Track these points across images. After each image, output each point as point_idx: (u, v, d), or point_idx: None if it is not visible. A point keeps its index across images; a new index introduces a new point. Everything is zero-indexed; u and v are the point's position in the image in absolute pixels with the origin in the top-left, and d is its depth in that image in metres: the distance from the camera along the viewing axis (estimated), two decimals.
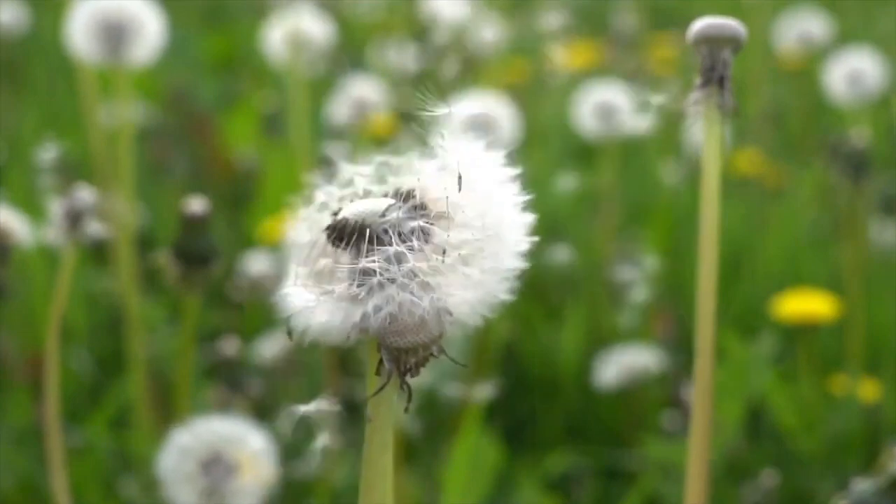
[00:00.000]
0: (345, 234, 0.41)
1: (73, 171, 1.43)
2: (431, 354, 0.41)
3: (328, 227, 0.41)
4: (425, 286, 0.40)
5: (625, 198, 1.63)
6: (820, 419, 1.20)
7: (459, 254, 0.41)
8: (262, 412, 1.16)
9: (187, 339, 0.96)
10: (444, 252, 0.41)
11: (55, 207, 0.79)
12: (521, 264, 0.43)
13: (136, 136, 1.49)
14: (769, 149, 1.88)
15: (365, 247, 0.40)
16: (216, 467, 0.83)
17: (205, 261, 0.90)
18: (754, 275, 1.47)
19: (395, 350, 0.40)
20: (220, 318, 1.33)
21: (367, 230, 0.41)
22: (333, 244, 0.41)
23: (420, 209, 0.41)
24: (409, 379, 0.41)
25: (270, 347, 1.23)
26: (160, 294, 1.33)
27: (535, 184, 1.69)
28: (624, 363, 1.29)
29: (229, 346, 1.02)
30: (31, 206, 1.14)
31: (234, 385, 1.04)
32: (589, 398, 1.33)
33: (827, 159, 1.50)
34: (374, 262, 0.40)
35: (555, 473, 1.19)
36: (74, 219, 0.78)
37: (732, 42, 0.54)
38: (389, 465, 0.43)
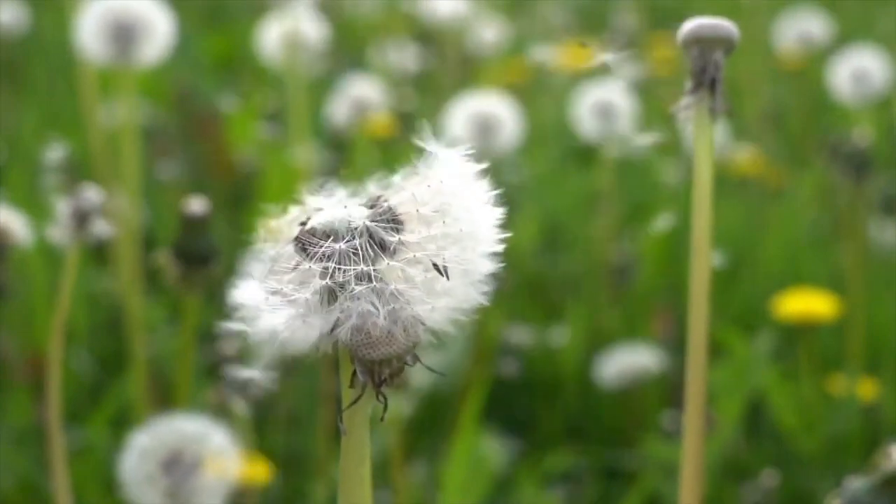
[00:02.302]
0: (312, 244, 0.40)
1: (73, 170, 1.43)
2: (406, 364, 0.40)
3: (296, 237, 0.41)
4: (392, 295, 0.40)
5: (625, 198, 1.63)
6: (820, 419, 1.20)
7: (429, 262, 0.40)
8: (262, 412, 1.16)
9: (187, 339, 0.96)
10: (412, 261, 0.40)
11: (62, 207, 0.79)
12: (494, 267, 0.41)
13: (139, 135, 1.49)
14: (769, 149, 1.88)
15: (332, 256, 0.40)
16: (177, 467, 0.82)
17: (205, 261, 0.90)
18: (754, 275, 1.47)
19: (369, 362, 0.40)
20: (221, 318, 1.33)
21: (335, 240, 0.40)
22: (300, 253, 0.41)
23: (390, 219, 0.41)
24: (384, 390, 0.40)
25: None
26: (160, 294, 1.33)
27: (535, 184, 1.68)
28: (624, 363, 1.29)
29: (229, 346, 1.02)
30: (32, 206, 1.14)
31: (234, 385, 1.04)
32: (589, 398, 1.33)
33: (827, 159, 1.50)
34: (341, 272, 0.40)
35: (555, 473, 1.19)
36: (81, 219, 0.78)
37: (725, 43, 0.52)
38: (367, 477, 0.42)
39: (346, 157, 1.66)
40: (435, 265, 0.40)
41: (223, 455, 0.83)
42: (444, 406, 1.26)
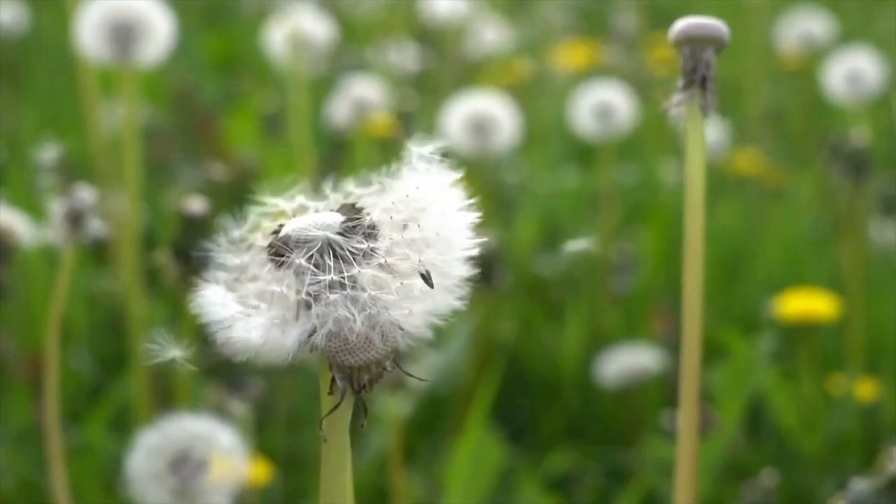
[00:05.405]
0: (285, 251, 0.40)
1: (73, 171, 1.43)
2: (385, 369, 0.40)
3: (269, 244, 0.41)
4: (368, 302, 0.39)
5: (625, 198, 1.64)
6: (820, 419, 1.20)
7: (405, 267, 0.40)
8: (263, 412, 1.16)
9: (187, 339, 0.96)
10: (388, 267, 0.40)
11: (56, 208, 0.79)
12: (470, 270, 0.41)
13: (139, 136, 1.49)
14: (769, 149, 1.88)
15: (305, 264, 0.40)
16: (184, 466, 0.83)
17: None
18: (754, 275, 1.47)
19: (347, 368, 0.40)
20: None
21: (309, 247, 0.40)
22: (273, 261, 0.40)
23: (363, 224, 0.40)
24: (363, 396, 0.40)
25: None
26: (160, 294, 1.33)
27: (535, 184, 1.68)
28: (624, 363, 1.29)
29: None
30: (31, 206, 1.14)
31: (234, 385, 1.04)
32: (589, 398, 1.33)
33: (827, 159, 1.50)
34: (315, 279, 0.39)
35: (555, 473, 1.19)
36: (75, 219, 0.79)
37: (715, 42, 0.53)
38: (348, 485, 0.42)
39: (346, 157, 1.66)
40: (419, 272, 0.40)
41: (230, 455, 0.83)
42: (444, 406, 1.26)
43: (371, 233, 0.40)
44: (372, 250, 0.40)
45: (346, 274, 0.39)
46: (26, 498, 1.11)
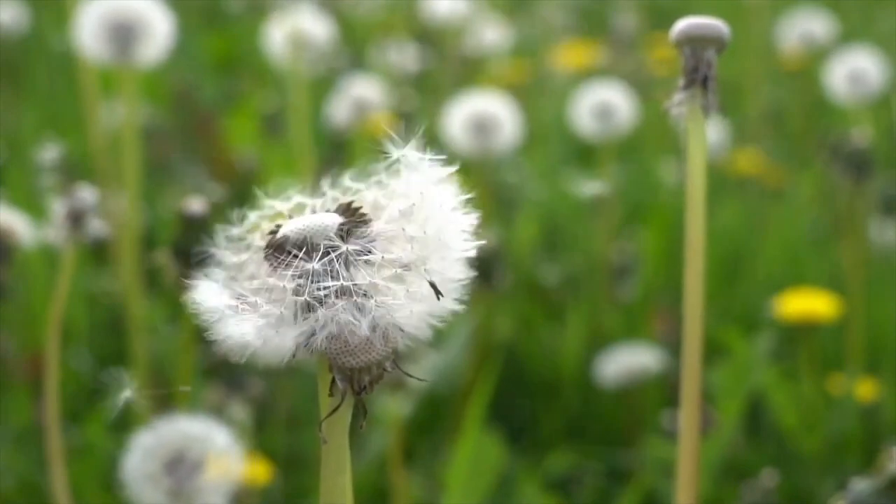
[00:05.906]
0: (284, 252, 0.40)
1: (73, 171, 1.43)
2: (385, 370, 0.40)
3: (267, 245, 0.41)
4: (366, 303, 0.39)
5: (624, 198, 1.64)
6: (820, 419, 1.20)
7: (402, 268, 0.40)
8: (262, 412, 1.16)
9: (187, 339, 0.96)
10: (385, 268, 0.40)
11: (56, 208, 0.79)
12: (468, 272, 0.41)
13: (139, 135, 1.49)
14: (769, 149, 1.88)
15: (305, 265, 0.40)
16: (180, 466, 0.82)
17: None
18: (754, 275, 1.47)
19: (348, 370, 0.40)
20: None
21: (308, 248, 0.40)
22: (272, 261, 0.40)
23: (362, 224, 0.40)
24: (363, 398, 0.40)
25: None
26: (160, 294, 1.33)
27: (534, 184, 1.68)
28: (624, 363, 1.29)
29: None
30: (32, 206, 1.14)
31: (234, 385, 1.04)
32: (589, 398, 1.33)
33: (827, 159, 1.50)
34: (314, 280, 0.39)
35: (555, 473, 1.19)
36: (76, 219, 0.79)
37: (716, 42, 0.53)
38: (348, 486, 0.42)
39: (346, 157, 1.66)
40: (427, 282, 0.40)
41: (226, 456, 0.83)
42: (444, 406, 1.26)
43: (373, 238, 0.40)
44: (372, 254, 0.40)
45: (351, 283, 0.39)
46: (26, 498, 1.11)
